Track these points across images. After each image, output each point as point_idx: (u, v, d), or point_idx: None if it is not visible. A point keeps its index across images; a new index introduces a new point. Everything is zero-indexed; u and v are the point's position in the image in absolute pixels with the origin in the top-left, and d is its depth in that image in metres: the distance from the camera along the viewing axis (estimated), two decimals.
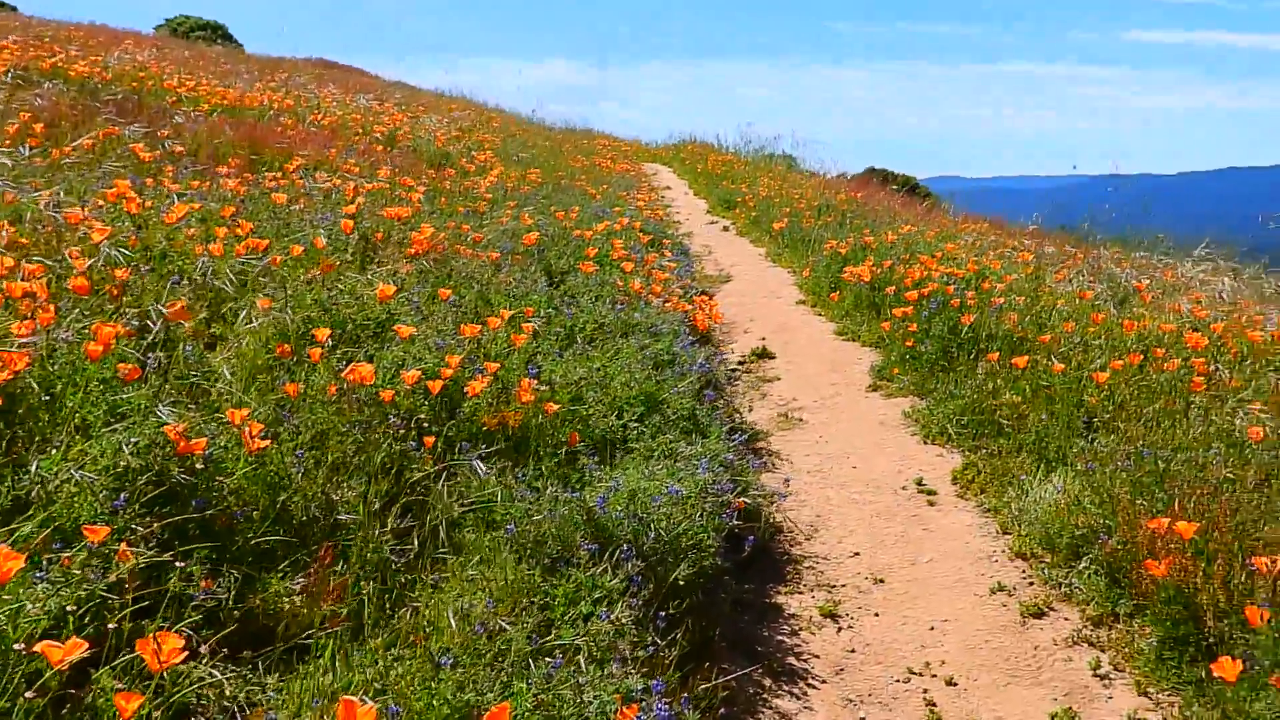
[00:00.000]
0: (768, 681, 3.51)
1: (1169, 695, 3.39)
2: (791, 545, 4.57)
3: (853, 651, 3.74)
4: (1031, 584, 4.18)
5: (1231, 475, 4.05)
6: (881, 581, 4.24)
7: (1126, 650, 3.62)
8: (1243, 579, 3.34)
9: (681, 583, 3.39)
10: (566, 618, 2.97)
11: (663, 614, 3.09)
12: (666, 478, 3.80)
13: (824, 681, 3.54)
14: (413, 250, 6.03)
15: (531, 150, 15.75)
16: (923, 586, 4.20)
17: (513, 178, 10.81)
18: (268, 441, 3.07)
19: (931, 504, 4.99)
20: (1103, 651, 3.67)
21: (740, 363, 7.55)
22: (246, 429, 3.02)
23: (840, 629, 3.89)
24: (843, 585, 4.22)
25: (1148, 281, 7.60)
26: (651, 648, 2.96)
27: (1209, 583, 3.36)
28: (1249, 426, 4.47)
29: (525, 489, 3.48)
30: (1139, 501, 3.93)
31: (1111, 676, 3.54)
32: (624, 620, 2.92)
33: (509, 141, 15.43)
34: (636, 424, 4.57)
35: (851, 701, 3.44)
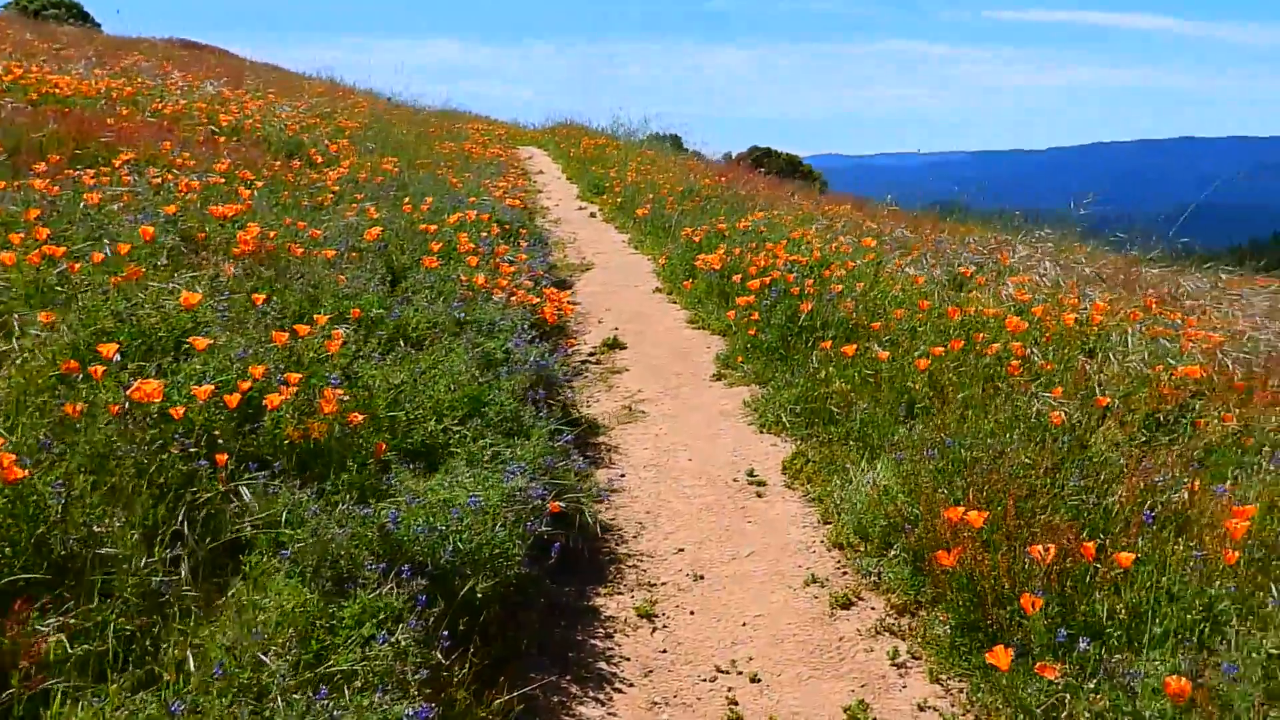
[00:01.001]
0: (575, 689, 3.50)
1: (959, 682, 3.50)
2: (618, 544, 4.57)
3: (664, 652, 3.76)
4: (845, 574, 4.27)
5: (1028, 460, 4.18)
6: (701, 578, 4.27)
7: (923, 638, 3.72)
8: (1024, 566, 3.45)
9: (481, 595, 3.35)
10: (350, 642, 2.90)
11: (446, 632, 3.03)
12: (474, 486, 3.74)
13: (631, 685, 3.55)
14: (238, 251, 5.81)
15: (397, 135, 15.38)
16: (741, 581, 4.25)
17: (367, 167, 10.54)
18: (26, 471, 2.91)
19: (760, 495, 5.05)
20: (902, 640, 3.77)
21: (591, 354, 7.53)
22: None
23: (655, 629, 3.91)
24: (663, 583, 4.23)
25: (974, 267, 7.83)
26: (432, 668, 2.90)
27: (993, 570, 3.47)
28: (1051, 412, 4.64)
29: (318, 506, 3.38)
30: (940, 490, 4.04)
31: (909, 665, 3.64)
32: (404, 641, 2.86)
33: (370, 128, 15.03)
34: (458, 428, 4.50)
35: (656, 704, 3.46)
